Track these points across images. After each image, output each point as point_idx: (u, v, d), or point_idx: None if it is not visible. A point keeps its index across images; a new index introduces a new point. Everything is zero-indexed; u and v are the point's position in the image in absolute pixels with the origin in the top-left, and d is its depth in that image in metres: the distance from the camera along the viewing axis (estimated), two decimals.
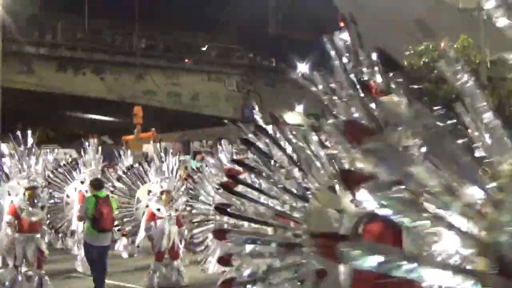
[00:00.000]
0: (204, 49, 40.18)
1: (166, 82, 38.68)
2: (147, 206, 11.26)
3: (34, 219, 9.61)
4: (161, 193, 10.78)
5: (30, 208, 9.57)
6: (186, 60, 39.61)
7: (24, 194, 9.65)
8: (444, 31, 26.37)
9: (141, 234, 10.90)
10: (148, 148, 16.64)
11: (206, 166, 10.74)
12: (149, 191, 11.47)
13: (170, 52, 39.37)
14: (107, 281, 10.14)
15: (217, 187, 8.47)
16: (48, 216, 11.86)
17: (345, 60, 3.38)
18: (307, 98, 39.86)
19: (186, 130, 33.26)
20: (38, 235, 9.76)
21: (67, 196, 13.09)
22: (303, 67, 38.45)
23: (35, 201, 9.69)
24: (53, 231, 13.12)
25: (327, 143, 3.48)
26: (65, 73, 36.17)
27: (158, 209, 10.70)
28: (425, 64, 27.37)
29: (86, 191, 11.49)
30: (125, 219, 12.41)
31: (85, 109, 37.22)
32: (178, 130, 33.51)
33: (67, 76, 36.19)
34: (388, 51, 31.17)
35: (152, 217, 10.73)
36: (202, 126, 33.34)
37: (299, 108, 39.62)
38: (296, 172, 3.57)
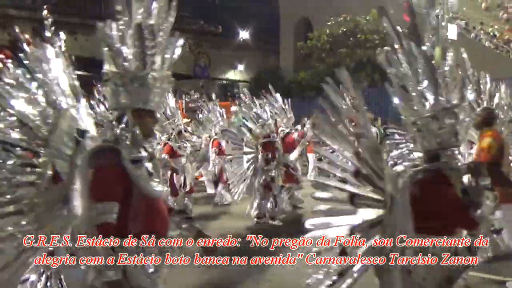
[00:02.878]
0: None
1: None
2: None
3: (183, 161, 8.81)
4: None
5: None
6: None
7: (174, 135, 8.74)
8: (358, 6, 30.48)
9: None
10: None
11: None
12: None
13: None
14: None
15: None
16: None
17: None
18: (247, 59, 43.22)
19: None
20: None
21: None
22: (244, 34, 41.69)
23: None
24: None
25: None
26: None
27: None
28: (343, 32, 30.73)
29: None
30: None
31: None
32: None
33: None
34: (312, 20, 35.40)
35: None
36: None
37: (240, 67, 42.96)
38: None
